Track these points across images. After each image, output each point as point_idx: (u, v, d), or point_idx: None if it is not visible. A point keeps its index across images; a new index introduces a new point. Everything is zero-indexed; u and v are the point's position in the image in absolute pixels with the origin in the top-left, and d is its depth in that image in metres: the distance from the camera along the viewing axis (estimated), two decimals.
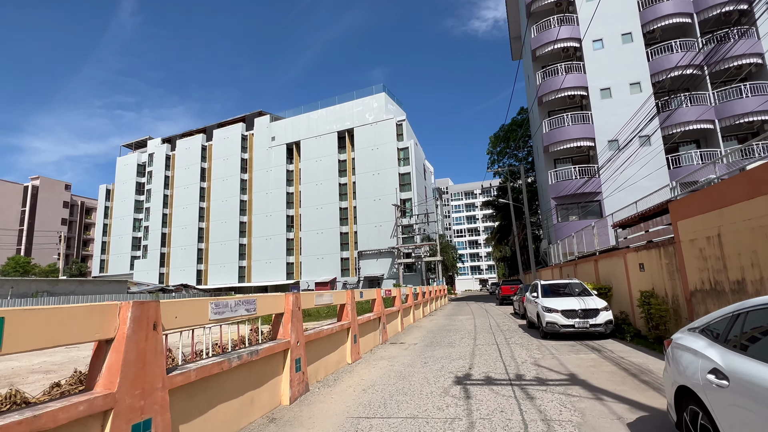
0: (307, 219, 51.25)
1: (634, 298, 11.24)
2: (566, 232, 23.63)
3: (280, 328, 6.44)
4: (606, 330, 10.68)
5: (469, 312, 23.28)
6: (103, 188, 70.09)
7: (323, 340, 7.82)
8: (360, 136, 49.55)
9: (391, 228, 46.03)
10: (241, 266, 54.68)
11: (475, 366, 8.10)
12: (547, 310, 11.21)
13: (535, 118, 31.24)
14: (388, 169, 47.24)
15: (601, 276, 14.32)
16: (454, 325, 16.50)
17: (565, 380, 6.62)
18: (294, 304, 6.56)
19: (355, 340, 9.47)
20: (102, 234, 68.85)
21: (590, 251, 15.76)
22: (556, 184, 25.62)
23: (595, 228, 14.92)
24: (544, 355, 8.98)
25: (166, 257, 60.70)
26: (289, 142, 54.34)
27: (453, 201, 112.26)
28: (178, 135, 64.45)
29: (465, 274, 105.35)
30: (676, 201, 8.70)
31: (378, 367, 8.52)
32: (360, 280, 47.02)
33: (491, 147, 48.63)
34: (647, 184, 23.22)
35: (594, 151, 25.27)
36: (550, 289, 12.85)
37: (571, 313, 10.89)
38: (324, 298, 8.25)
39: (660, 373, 6.82)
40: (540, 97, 26.62)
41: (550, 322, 11.01)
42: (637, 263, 10.92)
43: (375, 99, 50.11)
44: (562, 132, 25.42)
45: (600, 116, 25.17)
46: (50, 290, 33.12)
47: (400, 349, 10.86)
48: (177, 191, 61.06)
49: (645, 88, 24.81)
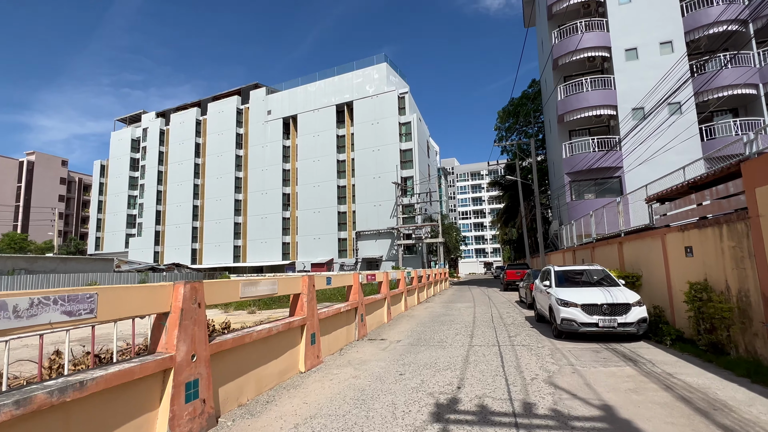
0: (303, 197, 48.99)
1: (675, 291, 8.89)
2: (581, 211, 21.14)
3: (162, 336, 4.21)
4: (638, 331, 8.39)
5: (469, 299, 21.10)
6: (97, 164, 68.12)
7: (252, 346, 5.60)
8: (360, 110, 46.70)
9: (391, 207, 43.68)
10: (236, 245, 52.88)
11: (466, 383, 5.87)
12: (563, 303, 8.92)
13: (548, 87, 28.28)
14: (388, 144, 44.53)
15: (626, 262, 11.94)
16: (450, 315, 14.31)
17: (598, 420, 4.35)
18: (188, 298, 4.31)
19: (313, 340, 7.28)
20: (97, 211, 67.27)
21: (612, 232, 13.34)
22: (570, 158, 22.91)
23: (621, 204, 12.45)
24: (560, 366, 6.72)
25: (160, 235, 59.07)
26: (285, 116, 51.62)
27: (459, 182, 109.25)
28: (173, 109, 61.89)
29: (469, 257, 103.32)
30: (755, 160, 6.22)
31: (337, 380, 6.33)
32: (358, 261, 45.00)
33: (499, 122, 45.59)
34: (675, 158, 20.52)
35: (615, 121, 22.43)
36: (566, 277, 10.53)
37: (593, 308, 8.59)
38: (261, 287, 5.98)
39: (746, 408, 4.52)
40: (555, 59, 23.62)
41: (567, 319, 8.73)
42: (681, 246, 8.52)
43: (376, 70, 46.99)
44: (579, 98, 22.50)
45: (624, 80, 22.20)
46: (28, 268, 31.46)
47: (378, 348, 8.68)
48: (171, 167, 58.92)
49: (677, 48, 21.75)
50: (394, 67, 49.07)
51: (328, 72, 50.12)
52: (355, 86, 47.63)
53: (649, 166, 19.85)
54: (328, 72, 50.12)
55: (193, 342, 4.32)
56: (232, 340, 5.06)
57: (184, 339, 4.21)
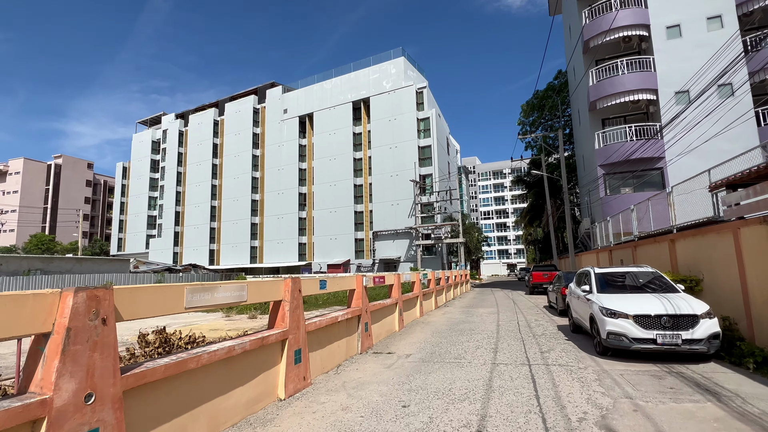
0: (319, 197, 47.99)
1: (753, 298, 7.10)
2: (617, 207, 19.10)
3: (38, 369, 2.88)
4: (709, 350, 6.65)
5: (492, 303, 19.38)
6: (119, 166, 69.18)
7: (204, 372, 4.24)
8: (376, 106, 45.34)
9: (409, 207, 42.11)
10: (253, 246, 52.36)
11: (489, 424, 4.36)
12: (610, 313, 7.25)
13: (576, 77, 26.18)
14: (406, 141, 42.98)
15: (680, 262, 10.11)
16: (470, 322, 12.72)
17: None
18: (82, 313, 2.98)
19: (298, 358, 5.89)
20: (120, 212, 68.28)
21: (661, 228, 11.48)
22: (604, 149, 20.82)
23: (673, 194, 10.60)
24: (614, 399, 5.11)
25: (179, 236, 59.27)
26: (301, 114, 50.78)
27: (480, 181, 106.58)
28: (191, 110, 62.13)
29: (492, 258, 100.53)
30: None
31: (321, 413, 4.92)
32: (375, 262, 43.62)
33: (523, 116, 43.42)
34: (727, 146, 18.29)
35: (655, 107, 20.24)
36: (609, 281, 8.82)
37: (649, 320, 6.89)
38: (220, 294, 4.61)
39: None
40: (586, 41, 21.57)
41: (615, 333, 7.06)
42: (763, 242, 6.73)
43: (393, 64, 45.53)
44: (614, 83, 20.40)
45: (665, 61, 19.99)
46: (44, 268, 31.45)
47: (382, 366, 7.23)
48: (190, 168, 59.06)
49: (728, 23, 19.42)
50: (412, 61, 47.52)
51: (344, 68, 49.03)
52: (372, 82, 46.31)
53: (695, 156, 17.71)
54: (344, 68, 49.03)
55: (89, 376, 2.98)
56: (166, 367, 3.70)
57: (71, 373, 2.87)
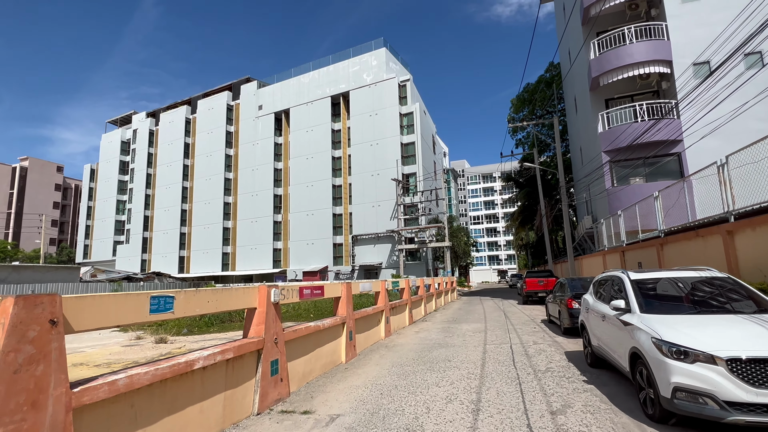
0: (296, 198, 44.54)
1: None
2: (625, 199, 16.07)
3: None
4: None
5: (480, 316, 16.11)
6: (87, 168, 64.91)
7: None
8: (356, 100, 42.21)
9: (391, 208, 38.88)
10: (225, 252, 48.57)
11: None
12: (679, 353, 4.01)
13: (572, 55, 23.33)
14: (388, 138, 39.86)
15: (745, 263, 6.97)
16: (449, 345, 9.43)
17: None
18: None
19: None
20: (86, 217, 63.90)
21: (709, 217, 8.36)
22: (609, 132, 17.78)
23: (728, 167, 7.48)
24: None
25: (148, 242, 55.19)
26: (277, 110, 47.45)
27: (470, 185, 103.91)
28: (162, 108, 58.41)
29: (482, 264, 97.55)
30: None
31: None
32: (355, 269, 40.18)
33: (513, 112, 40.65)
34: (756, 125, 15.48)
35: (668, 82, 17.32)
36: (656, 293, 5.58)
37: (759, 367, 3.66)
38: None
39: None
40: (586, 8, 18.61)
41: (693, 392, 3.82)
42: None
43: (374, 56, 42.55)
44: (620, 54, 17.42)
45: (680, 28, 17.12)
46: None
47: None
48: (160, 169, 55.19)
49: None
50: (395, 53, 44.58)
51: (322, 61, 45.98)
52: (352, 75, 43.24)
53: (718, 137, 14.79)
54: (322, 61, 45.98)
55: None
56: None
57: None
